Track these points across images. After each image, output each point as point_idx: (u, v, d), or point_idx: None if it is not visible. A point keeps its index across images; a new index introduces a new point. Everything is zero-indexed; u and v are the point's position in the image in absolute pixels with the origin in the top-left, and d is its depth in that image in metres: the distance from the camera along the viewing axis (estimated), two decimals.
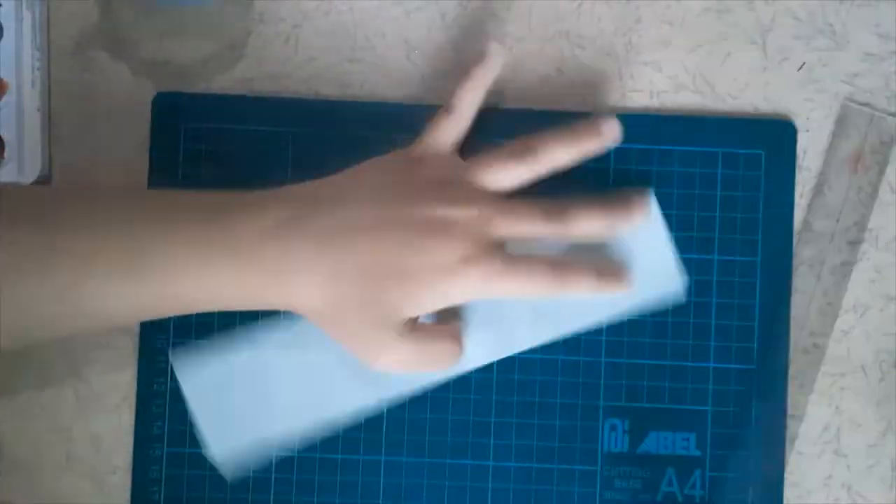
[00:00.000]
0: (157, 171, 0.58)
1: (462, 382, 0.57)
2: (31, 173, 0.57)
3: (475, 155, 0.54)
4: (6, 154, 0.57)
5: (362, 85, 0.59)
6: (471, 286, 0.52)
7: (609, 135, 0.55)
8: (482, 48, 0.56)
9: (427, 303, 0.52)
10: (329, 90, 0.59)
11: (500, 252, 0.52)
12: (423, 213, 0.51)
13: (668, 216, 0.58)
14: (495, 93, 0.59)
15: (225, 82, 0.59)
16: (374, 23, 0.59)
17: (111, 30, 0.59)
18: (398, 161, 0.54)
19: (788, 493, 0.58)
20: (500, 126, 0.58)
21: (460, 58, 0.59)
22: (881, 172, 0.59)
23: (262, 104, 0.58)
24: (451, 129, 0.55)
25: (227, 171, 0.58)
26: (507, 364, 0.58)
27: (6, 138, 0.57)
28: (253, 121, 0.58)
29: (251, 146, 0.58)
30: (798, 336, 0.58)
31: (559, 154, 0.54)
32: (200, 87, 0.59)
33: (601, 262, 0.55)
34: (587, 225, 0.54)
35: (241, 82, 0.59)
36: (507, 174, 0.54)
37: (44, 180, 0.57)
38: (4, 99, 0.57)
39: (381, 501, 0.57)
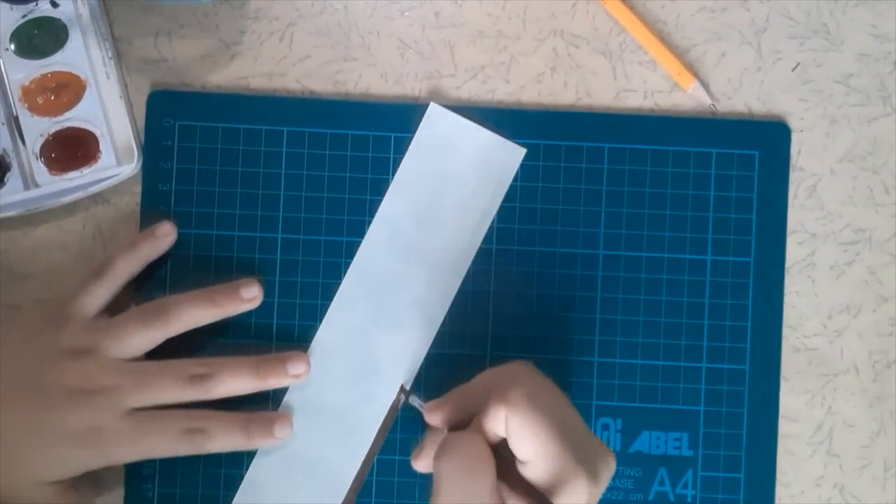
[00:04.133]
0: (152, 167, 0.58)
1: (455, 383, 0.57)
2: (127, 163, 0.57)
3: (115, 319, 0.55)
4: (101, 148, 0.57)
5: (356, 83, 0.59)
6: (103, 453, 0.53)
7: (247, 298, 0.56)
8: (154, 226, 0.56)
9: (63, 467, 0.53)
10: (323, 88, 0.59)
11: (131, 420, 0.53)
12: (57, 382, 0.53)
13: (661, 216, 0.58)
14: (488, 91, 0.59)
15: (219, 80, 0.59)
16: (369, 21, 0.59)
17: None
18: (41, 324, 0.55)
19: (780, 493, 0.58)
20: (497, 125, 0.58)
21: (455, 59, 0.59)
22: (876, 173, 0.59)
23: (257, 102, 0.58)
24: (99, 294, 0.55)
25: (221, 169, 0.58)
26: (500, 362, 0.57)
27: (97, 134, 0.57)
28: (247, 118, 0.58)
29: (245, 144, 0.58)
30: (791, 337, 0.58)
31: (194, 316, 0.55)
32: (195, 84, 0.59)
33: (249, 415, 0.55)
34: (233, 386, 0.54)
35: (236, 80, 0.59)
36: (139, 340, 0.54)
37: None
38: (85, 96, 0.57)
39: (373, 500, 0.57)
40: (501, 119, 0.58)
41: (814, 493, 0.58)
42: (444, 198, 0.58)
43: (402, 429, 0.58)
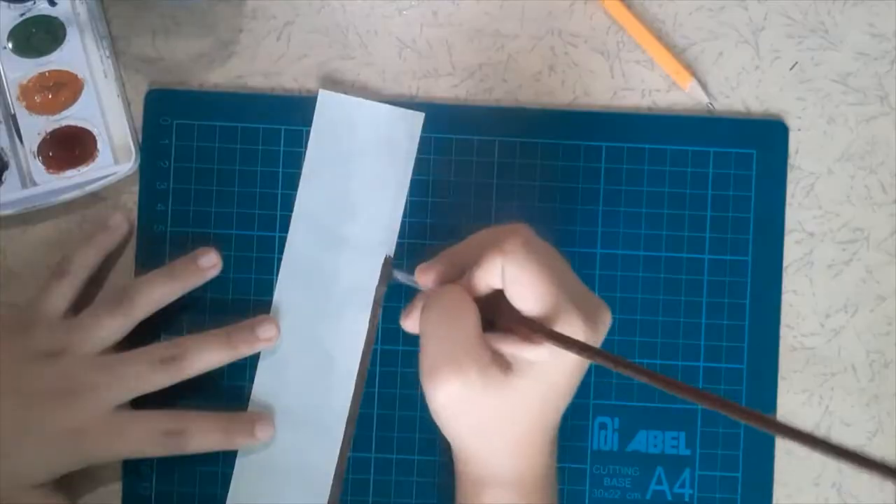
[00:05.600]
0: (149, 166, 0.58)
1: None
2: (124, 162, 0.57)
3: (81, 315, 0.55)
4: (98, 147, 0.57)
5: (354, 82, 0.59)
6: (83, 454, 0.53)
7: (206, 267, 0.56)
8: (107, 219, 0.57)
9: (45, 469, 0.53)
10: (321, 87, 0.59)
11: (111, 421, 0.53)
12: (34, 385, 0.53)
13: (659, 215, 0.58)
14: (486, 90, 0.59)
15: (217, 79, 0.59)
16: (366, 20, 0.59)
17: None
18: (9, 329, 0.55)
19: (778, 492, 0.58)
20: (495, 124, 0.58)
21: (452, 58, 0.59)
22: (873, 172, 0.59)
23: (254, 101, 0.58)
24: (63, 292, 0.55)
25: (219, 167, 0.58)
26: None
27: (94, 132, 0.57)
28: (244, 117, 0.58)
29: (243, 142, 0.58)
30: (788, 336, 0.58)
31: (157, 294, 0.55)
32: (192, 83, 0.59)
33: (230, 415, 0.56)
34: (207, 360, 0.55)
35: (233, 79, 0.59)
36: (108, 332, 0.54)
37: None
38: (83, 95, 0.57)
39: (371, 499, 0.57)
40: (499, 118, 0.58)
41: (811, 492, 0.58)
42: (354, 180, 0.58)
43: (400, 427, 0.58)
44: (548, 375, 0.48)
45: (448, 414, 0.48)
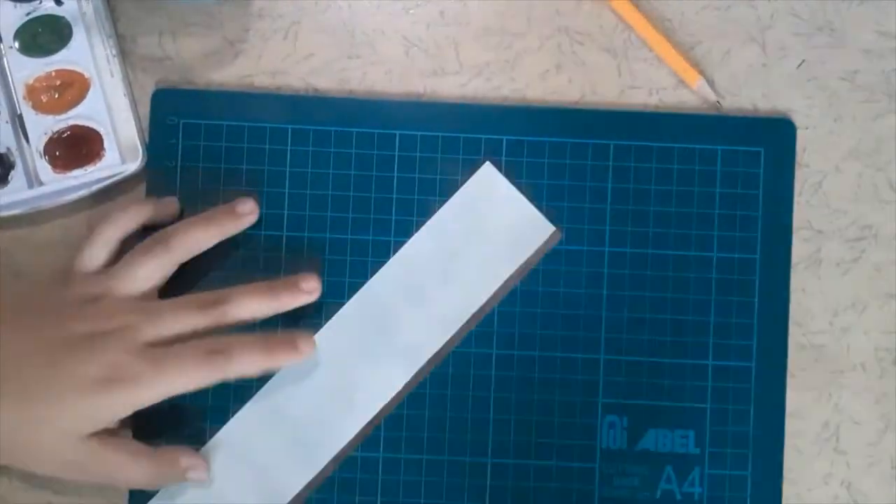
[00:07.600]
0: (156, 166, 0.58)
1: (460, 379, 0.57)
2: (131, 161, 0.57)
3: (119, 261, 0.55)
4: (105, 145, 0.57)
5: (360, 81, 0.59)
6: (127, 393, 0.52)
7: (243, 213, 0.56)
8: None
9: (92, 416, 0.52)
10: (327, 86, 0.59)
11: (149, 355, 0.52)
12: (71, 330, 0.53)
13: (667, 213, 0.58)
14: (493, 89, 0.59)
15: (223, 78, 0.59)
16: (373, 19, 0.59)
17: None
18: (45, 283, 0.56)
19: (787, 490, 0.58)
20: (502, 123, 0.58)
21: (459, 56, 0.59)
22: (881, 170, 0.59)
23: (261, 100, 0.58)
24: (97, 254, 0.55)
25: (226, 167, 0.58)
26: (505, 361, 0.57)
27: (101, 132, 0.57)
28: (251, 117, 0.58)
29: (249, 142, 0.58)
30: (797, 334, 0.58)
31: (192, 238, 0.55)
32: (199, 83, 0.59)
33: (269, 334, 0.56)
34: (248, 307, 0.55)
35: (240, 78, 0.59)
36: (146, 271, 0.54)
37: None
38: (89, 94, 0.57)
39: (378, 499, 0.57)
40: (506, 116, 0.58)
41: (821, 490, 0.58)
42: (467, 254, 0.58)
43: (406, 427, 0.57)
44: None
45: None
